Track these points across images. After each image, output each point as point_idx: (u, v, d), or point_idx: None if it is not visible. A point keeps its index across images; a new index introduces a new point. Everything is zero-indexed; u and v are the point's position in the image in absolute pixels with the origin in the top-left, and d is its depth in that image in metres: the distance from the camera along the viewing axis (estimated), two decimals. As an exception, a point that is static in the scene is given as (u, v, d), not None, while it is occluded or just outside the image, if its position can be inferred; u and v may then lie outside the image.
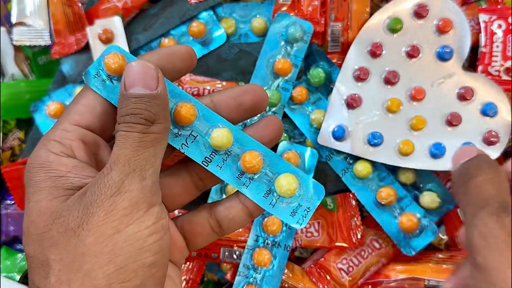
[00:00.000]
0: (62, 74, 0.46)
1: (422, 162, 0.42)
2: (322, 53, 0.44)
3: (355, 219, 0.43)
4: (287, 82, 0.43)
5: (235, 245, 0.43)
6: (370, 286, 0.44)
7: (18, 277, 0.44)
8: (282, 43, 0.43)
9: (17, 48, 0.49)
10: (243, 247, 0.43)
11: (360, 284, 0.44)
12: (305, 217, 0.29)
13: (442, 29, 0.42)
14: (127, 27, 0.46)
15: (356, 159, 0.43)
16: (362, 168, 0.42)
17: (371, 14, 0.45)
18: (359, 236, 0.42)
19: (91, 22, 0.45)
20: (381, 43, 0.42)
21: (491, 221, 0.27)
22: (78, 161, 0.27)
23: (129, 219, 0.25)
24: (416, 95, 0.41)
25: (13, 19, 0.44)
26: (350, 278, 0.43)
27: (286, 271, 0.44)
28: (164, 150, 0.28)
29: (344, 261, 0.43)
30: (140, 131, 0.26)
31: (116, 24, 0.44)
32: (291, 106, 0.44)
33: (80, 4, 0.45)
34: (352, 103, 0.42)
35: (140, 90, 0.26)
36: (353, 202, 0.43)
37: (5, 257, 0.45)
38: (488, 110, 0.41)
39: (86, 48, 0.45)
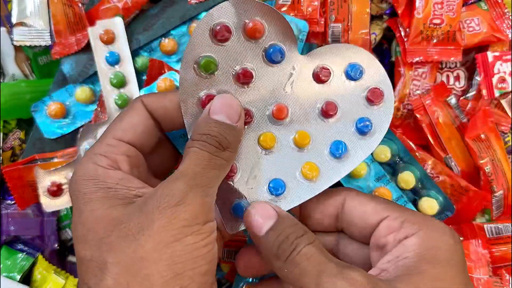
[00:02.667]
0: (62, 75, 0.46)
1: None
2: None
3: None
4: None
5: (235, 245, 0.43)
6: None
7: (18, 277, 0.44)
8: None
9: (18, 49, 0.49)
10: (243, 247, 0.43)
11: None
12: None
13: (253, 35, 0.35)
14: (128, 27, 0.46)
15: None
16: (358, 167, 0.42)
17: (371, 14, 0.45)
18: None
19: (91, 23, 0.45)
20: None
21: (339, 281, 0.26)
22: (124, 173, 0.29)
23: (188, 230, 0.26)
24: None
25: (14, 20, 0.44)
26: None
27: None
28: (223, 177, 0.31)
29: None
30: (211, 152, 0.29)
31: (117, 25, 0.44)
32: None
33: (80, 5, 0.45)
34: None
35: (223, 118, 0.30)
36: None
37: (5, 257, 0.45)
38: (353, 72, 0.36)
39: (87, 48, 0.45)
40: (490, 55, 0.44)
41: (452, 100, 0.45)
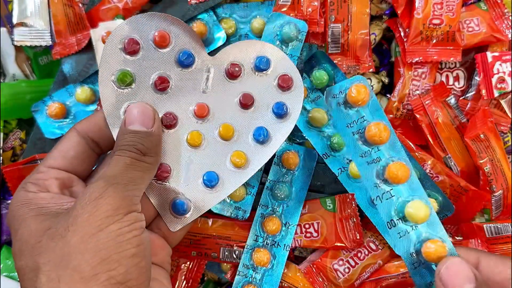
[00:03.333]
0: (63, 75, 0.46)
1: None
2: (326, 56, 0.44)
3: (354, 219, 0.43)
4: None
5: (234, 244, 0.43)
6: (373, 284, 0.44)
7: (19, 277, 0.44)
8: (277, 43, 0.43)
9: (18, 49, 0.49)
10: (243, 247, 0.43)
11: (362, 283, 0.44)
12: None
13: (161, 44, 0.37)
14: (128, 27, 0.46)
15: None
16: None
17: (371, 15, 0.45)
18: (358, 237, 0.43)
19: (92, 23, 0.45)
20: None
21: None
22: (54, 194, 0.31)
23: (111, 220, 0.28)
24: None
25: (14, 20, 0.44)
26: (346, 279, 0.43)
27: (285, 270, 0.44)
28: (150, 180, 0.33)
29: (341, 262, 0.44)
30: (132, 157, 0.31)
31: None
32: None
33: (81, 5, 0.45)
34: None
35: (138, 127, 0.32)
36: (353, 203, 0.43)
37: (5, 256, 0.45)
38: (261, 64, 0.38)
39: (87, 48, 0.45)
40: (489, 55, 0.44)
41: (452, 100, 0.45)
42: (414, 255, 0.34)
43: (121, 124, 0.32)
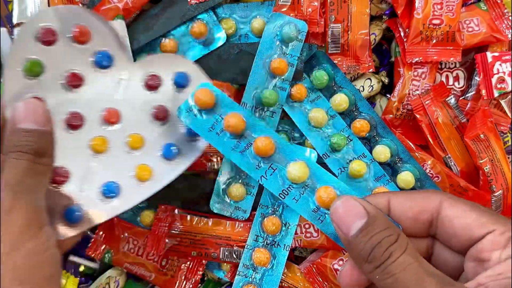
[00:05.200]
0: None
1: None
2: (326, 56, 0.44)
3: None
4: (284, 82, 0.43)
5: (234, 244, 0.43)
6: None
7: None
8: (277, 43, 0.43)
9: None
10: (243, 247, 0.43)
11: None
12: None
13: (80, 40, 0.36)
14: (128, 27, 0.46)
15: (353, 158, 0.43)
16: (357, 167, 0.42)
17: (370, 15, 0.45)
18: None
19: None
20: None
21: None
22: None
23: (26, 236, 0.26)
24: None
25: (14, 20, 0.44)
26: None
27: (285, 270, 0.44)
28: (47, 183, 0.30)
29: (341, 262, 0.44)
30: (30, 160, 0.28)
31: (119, 28, 0.44)
32: (289, 104, 0.44)
33: (80, 5, 0.45)
34: None
35: (30, 125, 0.29)
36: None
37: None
38: (181, 80, 0.38)
39: (87, 48, 0.45)
40: (489, 55, 0.44)
41: (452, 100, 0.45)
42: (315, 210, 0.32)
43: (10, 122, 0.29)
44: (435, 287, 0.25)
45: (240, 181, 0.43)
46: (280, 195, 0.31)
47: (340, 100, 0.44)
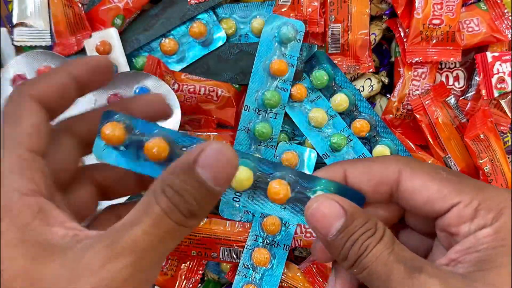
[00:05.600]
0: (62, 75, 0.46)
1: None
2: (326, 56, 0.44)
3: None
4: (285, 82, 0.43)
5: (234, 244, 0.43)
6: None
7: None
8: (276, 44, 0.43)
9: (18, 49, 0.49)
10: (243, 247, 0.43)
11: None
12: None
13: None
14: (128, 27, 0.46)
15: (353, 158, 0.43)
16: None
17: (370, 15, 0.45)
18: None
19: (91, 23, 0.45)
20: None
21: (409, 286, 0.24)
22: (44, 200, 0.23)
23: None
24: None
25: (14, 20, 0.44)
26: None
27: (285, 270, 0.44)
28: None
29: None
30: (178, 222, 0.22)
31: (113, 35, 0.44)
32: (290, 104, 0.44)
33: (80, 5, 0.45)
34: None
35: (208, 178, 0.22)
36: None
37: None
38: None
39: (87, 48, 0.45)
40: (489, 55, 0.44)
41: (452, 100, 0.45)
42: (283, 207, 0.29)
43: (188, 158, 0.22)
44: (403, 274, 0.24)
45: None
46: (235, 198, 0.29)
47: (340, 100, 0.44)
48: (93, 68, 0.26)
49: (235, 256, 0.43)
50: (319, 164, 0.44)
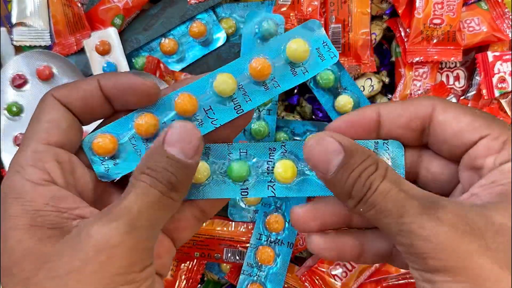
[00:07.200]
0: (62, 75, 0.46)
1: None
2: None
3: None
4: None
5: (238, 245, 0.43)
6: (373, 285, 0.44)
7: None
8: (258, 41, 0.43)
9: (18, 49, 0.49)
10: (246, 248, 0.43)
11: (362, 283, 0.44)
12: None
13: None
14: (128, 27, 0.46)
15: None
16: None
17: (371, 14, 0.45)
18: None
19: (91, 23, 0.45)
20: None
21: (425, 222, 0.23)
22: (57, 188, 0.26)
23: (121, 279, 0.23)
24: None
25: (14, 20, 0.44)
26: (343, 283, 0.43)
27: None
28: (167, 220, 0.27)
29: (338, 267, 0.44)
30: (162, 191, 0.25)
31: (112, 35, 0.44)
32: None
33: (79, 5, 0.45)
34: None
35: (177, 153, 0.25)
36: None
37: None
38: None
39: (87, 48, 0.45)
40: (490, 55, 0.44)
41: (452, 100, 0.45)
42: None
43: (159, 140, 0.25)
44: (417, 210, 0.23)
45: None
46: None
47: (345, 102, 0.43)
48: (123, 86, 0.27)
49: (238, 257, 0.43)
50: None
